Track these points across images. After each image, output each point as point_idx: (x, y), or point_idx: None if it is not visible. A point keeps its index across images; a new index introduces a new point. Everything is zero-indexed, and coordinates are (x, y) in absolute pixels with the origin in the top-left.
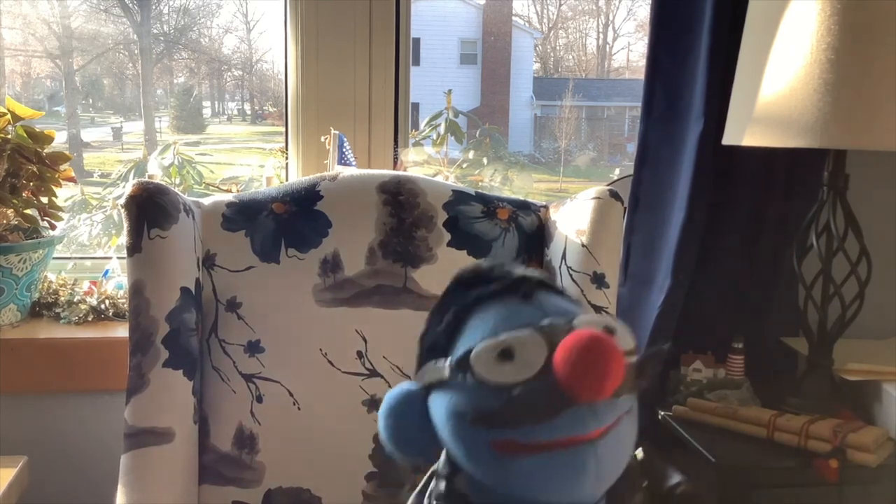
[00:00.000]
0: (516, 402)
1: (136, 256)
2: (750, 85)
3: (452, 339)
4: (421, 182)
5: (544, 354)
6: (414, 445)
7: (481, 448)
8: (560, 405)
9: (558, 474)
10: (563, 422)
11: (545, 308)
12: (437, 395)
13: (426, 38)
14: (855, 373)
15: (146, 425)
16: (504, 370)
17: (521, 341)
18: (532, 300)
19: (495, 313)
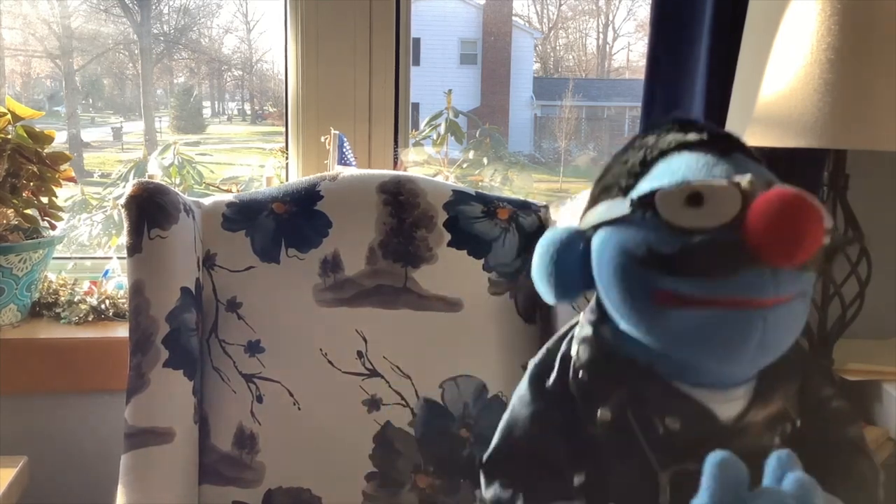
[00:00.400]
0: (696, 249)
1: (136, 256)
2: (750, 85)
3: (636, 180)
4: (421, 182)
5: (737, 207)
6: (565, 283)
7: (640, 293)
8: (743, 262)
9: (720, 336)
10: (742, 281)
11: (743, 166)
12: (607, 232)
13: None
14: (855, 373)
15: (146, 425)
16: (690, 214)
17: (714, 189)
18: (730, 157)
19: (688, 161)
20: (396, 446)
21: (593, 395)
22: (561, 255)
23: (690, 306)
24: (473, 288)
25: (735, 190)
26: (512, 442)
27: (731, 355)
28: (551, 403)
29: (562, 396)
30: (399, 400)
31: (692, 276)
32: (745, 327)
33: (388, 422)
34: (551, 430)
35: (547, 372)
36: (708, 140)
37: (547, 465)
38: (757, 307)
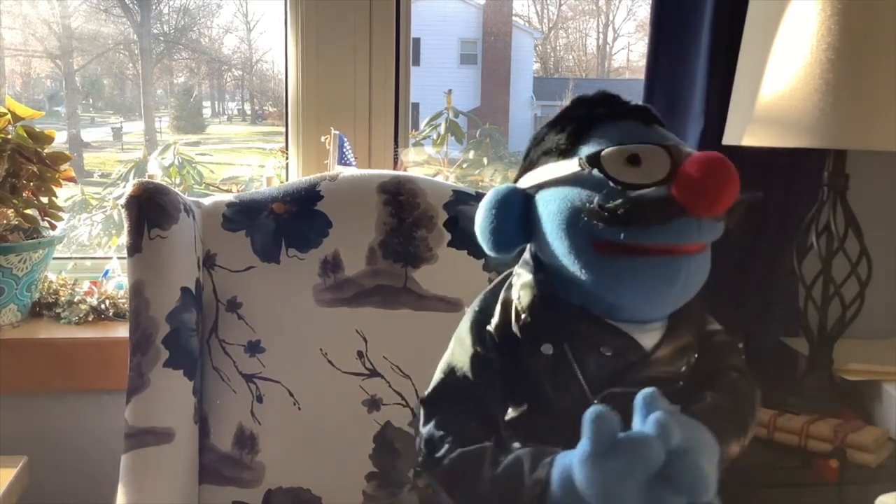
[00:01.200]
0: (635, 202)
1: (136, 256)
2: (750, 85)
3: (574, 145)
4: (421, 182)
5: (668, 167)
6: (503, 237)
7: (584, 244)
8: (672, 213)
9: (651, 279)
10: (671, 229)
11: (665, 134)
12: (552, 191)
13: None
14: (855, 373)
15: (146, 425)
16: (630, 172)
17: (649, 151)
18: (653, 127)
19: (620, 129)
20: (396, 446)
21: (536, 333)
22: (500, 211)
23: (628, 253)
24: (473, 288)
25: (665, 153)
26: (451, 381)
27: (660, 296)
28: (491, 346)
29: (503, 339)
30: (399, 400)
31: (631, 226)
32: (673, 271)
33: (388, 422)
34: (489, 372)
35: (486, 318)
36: (634, 111)
37: (481, 405)
38: (683, 253)
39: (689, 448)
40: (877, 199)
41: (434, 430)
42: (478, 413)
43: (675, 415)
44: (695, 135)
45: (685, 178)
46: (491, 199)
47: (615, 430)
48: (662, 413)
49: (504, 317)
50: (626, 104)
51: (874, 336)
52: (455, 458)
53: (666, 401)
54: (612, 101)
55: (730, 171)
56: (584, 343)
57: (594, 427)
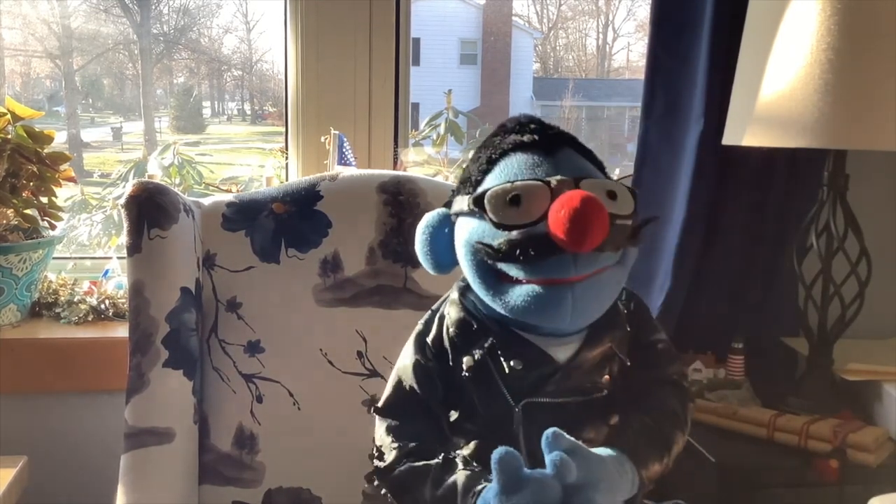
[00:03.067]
0: (514, 242)
1: (136, 256)
2: (750, 85)
3: (483, 176)
4: (421, 182)
5: (546, 206)
6: (438, 258)
7: (485, 272)
8: (548, 251)
9: (539, 305)
10: (550, 265)
11: (561, 165)
12: (462, 222)
13: (426, 38)
14: (855, 373)
15: (146, 425)
16: (511, 213)
17: (529, 191)
18: (554, 156)
19: (519, 161)
20: None
21: (461, 347)
22: (433, 236)
23: (517, 283)
24: None
25: (546, 190)
26: (399, 390)
27: (553, 320)
28: (429, 356)
29: (439, 350)
30: None
31: (511, 263)
32: (558, 299)
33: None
34: (429, 379)
35: (427, 331)
36: (539, 140)
37: (425, 411)
38: (565, 284)
39: (586, 483)
40: (877, 199)
41: (385, 435)
42: (424, 418)
43: (577, 451)
44: (695, 135)
45: (553, 219)
46: (423, 224)
47: (518, 469)
48: (559, 454)
49: (438, 330)
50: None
51: (874, 336)
52: (404, 471)
53: (567, 439)
54: (528, 128)
55: (594, 209)
56: (500, 355)
57: (499, 468)
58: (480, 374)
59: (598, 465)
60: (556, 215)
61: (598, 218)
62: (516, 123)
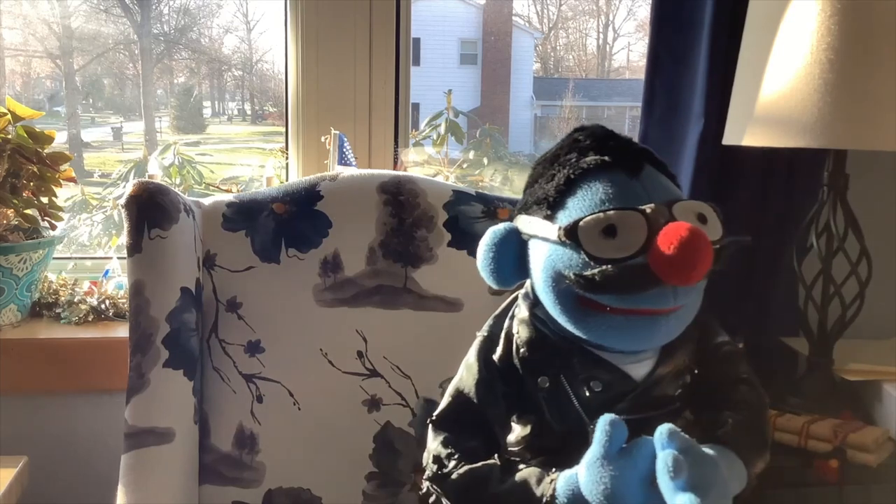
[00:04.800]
0: (612, 275)
1: (136, 256)
2: (750, 85)
3: (563, 196)
4: (421, 182)
5: (644, 237)
6: (503, 274)
7: (568, 300)
8: (649, 284)
9: (631, 334)
10: (648, 297)
11: (649, 188)
12: (540, 245)
13: (426, 38)
14: (855, 373)
15: (146, 425)
16: (606, 245)
17: (625, 222)
18: (639, 176)
19: (604, 185)
20: (396, 446)
21: (534, 367)
22: (498, 253)
23: (608, 312)
24: (473, 288)
25: (642, 220)
26: (459, 403)
27: (643, 344)
28: (496, 374)
29: (506, 367)
30: (399, 400)
31: (609, 294)
32: (652, 328)
33: (388, 422)
34: (493, 396)
35: (492, 346)
36: (621, 158)
37: (484, 427)
38: (661, 314)
39: (696, 486)
40: (877, 199)
41: (441, 447)
42: (481, 434)
43: (690, 451)
44: (695, 135)
45: (659, 254)
46: (489, 240)
47: (624, 436)
48: (671, 452)
49: (506, 347)
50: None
51: (874, 336)
52: (463, 473)
53: (682, 437)
54: (606, 144)
55: (702, 243)
56: (576, 377)
57: (607, 431)
58: (555, 393)
59: (711, 469)
60: (663, 251)
61: (706, 253)
62: (591, 137)
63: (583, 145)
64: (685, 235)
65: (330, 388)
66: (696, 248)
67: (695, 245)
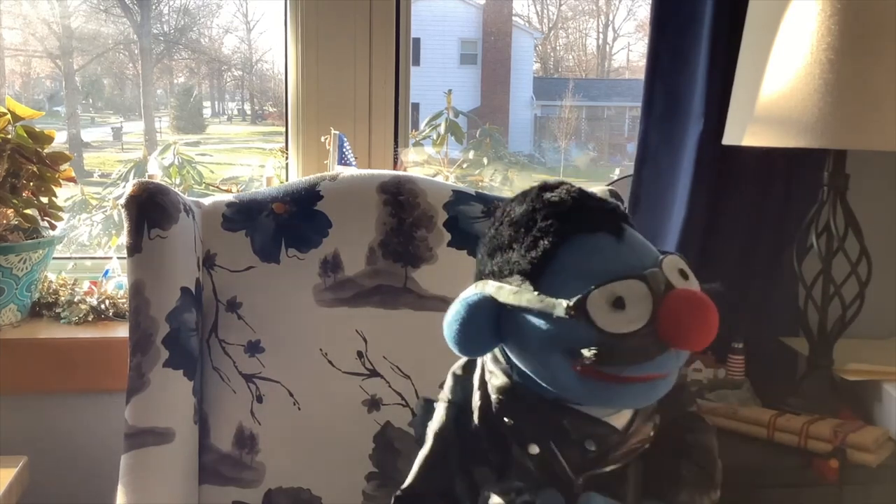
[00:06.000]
0: (621, 347)
1: (136, 256)
2: (750, 85)
3: (543, 263)
4: (421, 182)
5: (651, 306)
6: (475, 346)
7: (568, 372)
8: (659, 352)
9: (633, 398)
10: (657, 363)
11: (636, 250)
12: (529, 320)
13: (426, 38)
14: (855, 373)
15: (146, 425)
16: (616, 318)
17: (631, 292)
18: (623, 238)
19: (592, 252)
20: (396, 446)
21: (522, 434)
22: (475, 321)
23: (611, 381)
24: None
25: (645, 288)
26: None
27: (638, 407)
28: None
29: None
30: (399, 400)
31: (617, 365)
32: (652, 390)
33: (388, 422)
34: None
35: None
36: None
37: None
38: (662, 377)
39: None
40: (877, 199)
41: None
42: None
43: None
44: (695, 135)
45: (672, 325)
46: (464, 312)
47: None
48: None
49: (483, 416)
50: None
51: (874, 336)
52: None
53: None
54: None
55: (709, 309)
56: (567, 439)
57: None
58: (543, 458)
59: None
60: (676, 322)
61: (715, 317)
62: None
63: (560, 209)
64: (695, 304)
65: (330, 388)
66: (706, 315)
67: (705, 313)
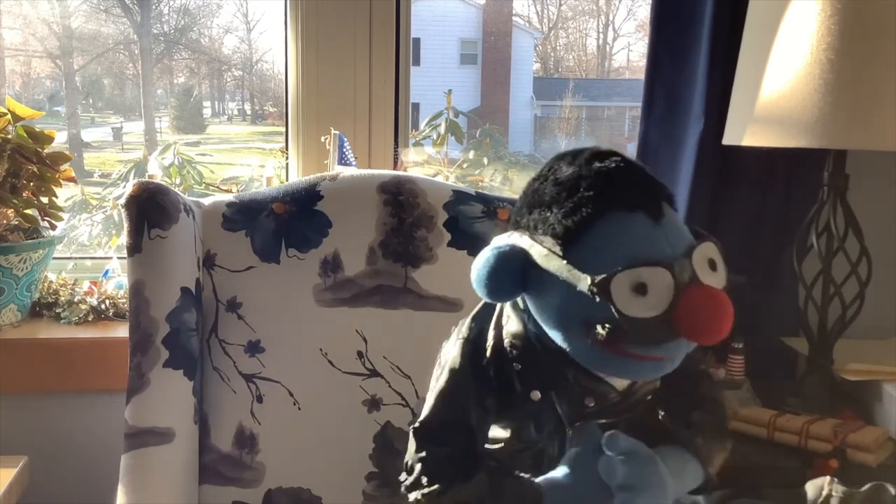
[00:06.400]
0: (637, 329)
1: (136, 256)
2: (750, 85)
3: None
4: (421, 182)
5: (671, 295)
6: (500, 293)
7: (581, 339)
8: (671, 338)
9: (638, 373)
10: (667, 347)
11: (671, 236)
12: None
13: (426, 38)
14: (855, 373)
15: (146, 425)
16: (636, 302)
17: (655, 279)
18: (661, 222)
19: (627, 231)
20: (396, 446)
21: (528, 380)
22: (503, 270)
23: (622, 355)
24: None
25: (670, 278)
26: (445, 408)
27: (646, 379)
28: (485, 380)
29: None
30: (399, 400)
31: (630, 343)
32: (658, 369)
33: (389, 422)
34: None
35: (478, 352)
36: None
37: (468, 432)
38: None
39: (632, 486)
40: (877, 199)
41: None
42: (464, 441)
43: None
44: (695, 135)
45: (686, 318)
46: (494, 261)
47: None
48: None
49: (496, 357)
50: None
51: (874, 336)
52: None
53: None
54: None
55: (725, 309)
56: (569, 392)
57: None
58: (544, 406)
59: (650, 470)
60: (691, 317)
61: (729, 317)
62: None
63: (605, 182)
64: (712, 302)
65: (330, 388)
66: (721, 315)
67: (720, 312)
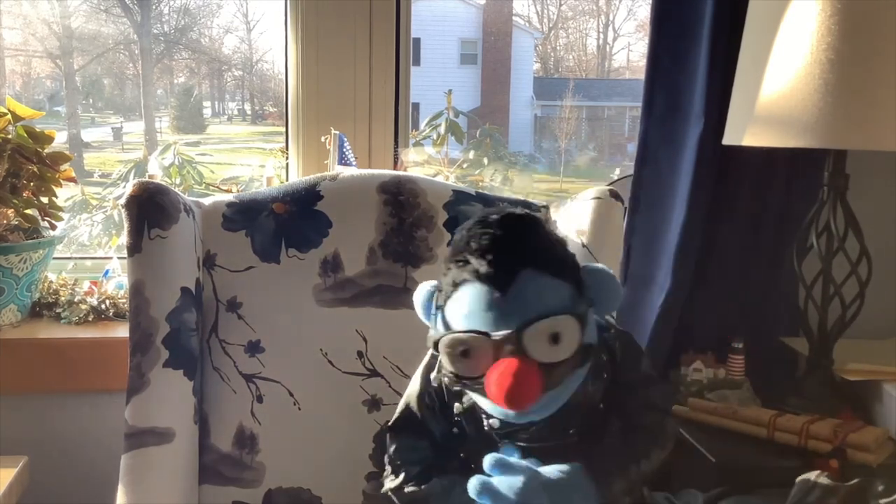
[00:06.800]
0: (464, 382)
1: (136, 256)
2: (750, 85)
3: (451, 291)
4: (421, 182)
5: (489, 363)
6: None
7: None
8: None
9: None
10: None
11: (512, 306)
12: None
13: (426, 38)
14: (855, 373)
15: (146, 425)
16: (462, 364)
17: (476, 346)
18: (507, 291)
19: (474, 298)
20: None
21: (452, 394)
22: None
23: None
24: None
25: (490, 348)
26: (407, 413)
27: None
28: (432, 392)
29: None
30: (399, 400)
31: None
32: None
33: (388, 422)
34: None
35: (432, 366)
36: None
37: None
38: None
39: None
40: (877, 199)
41: (393, 454)
42: (427, 439)
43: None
44: (695, 135)
45: (488, 384)
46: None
47: None
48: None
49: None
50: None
51: (874, 336)
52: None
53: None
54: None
55: (527, 382)
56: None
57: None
58: (471, 416)
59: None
60: (492, 387)
61: (529, 389)
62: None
63: (471, 252)
64: (508, 375)
65: (330, 388)
66: (516, 388)
67: (517, 385)
